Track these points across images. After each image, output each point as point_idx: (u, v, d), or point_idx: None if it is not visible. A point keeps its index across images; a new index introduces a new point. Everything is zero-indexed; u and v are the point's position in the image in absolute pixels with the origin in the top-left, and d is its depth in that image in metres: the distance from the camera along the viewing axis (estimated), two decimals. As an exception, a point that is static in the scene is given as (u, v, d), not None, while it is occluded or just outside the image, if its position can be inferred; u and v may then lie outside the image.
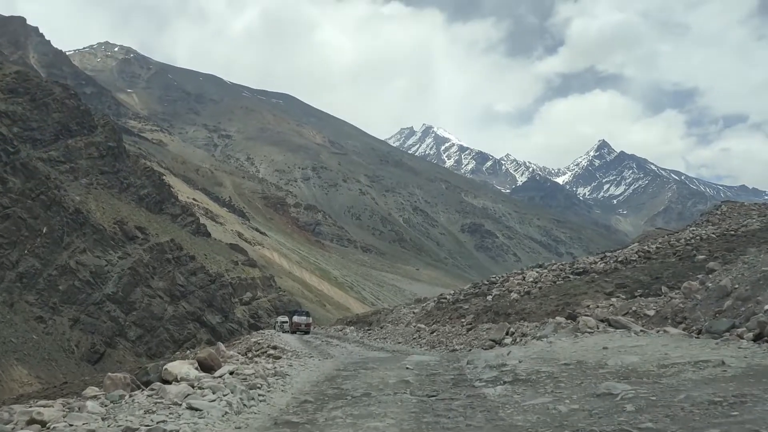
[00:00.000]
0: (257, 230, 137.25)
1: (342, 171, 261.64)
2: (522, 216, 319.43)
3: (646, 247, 26.97)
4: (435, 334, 22.06)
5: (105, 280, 60.67)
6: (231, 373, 9.93)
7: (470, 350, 16.16)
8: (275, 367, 11.88)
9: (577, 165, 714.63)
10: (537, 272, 28.49)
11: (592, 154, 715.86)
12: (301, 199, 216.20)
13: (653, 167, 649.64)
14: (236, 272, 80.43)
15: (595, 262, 26.55)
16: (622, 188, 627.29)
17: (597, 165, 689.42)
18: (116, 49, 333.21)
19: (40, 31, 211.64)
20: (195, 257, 72.41)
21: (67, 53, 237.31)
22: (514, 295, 24.53)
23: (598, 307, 18.47)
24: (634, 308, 16.95)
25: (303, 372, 11.79)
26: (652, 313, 15.53)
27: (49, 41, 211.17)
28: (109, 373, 9.07)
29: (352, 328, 36.51)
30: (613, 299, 19.03)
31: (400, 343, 23.08)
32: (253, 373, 10.26)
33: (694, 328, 11.66)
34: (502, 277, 30.89)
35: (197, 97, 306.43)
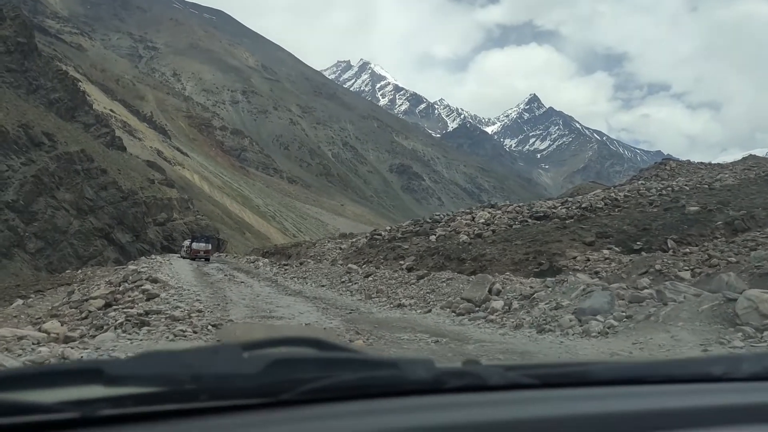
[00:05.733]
0: (178, 150, 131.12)
1: (273, 98, 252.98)
2: (450, 161, 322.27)
3: (612, 195, 25.27)
4: (371, 278, 17.43)
5: (5, 186, 55.78)
6: None
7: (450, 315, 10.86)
8: None
9: (507, 116, 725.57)
10: (489, 213, 25.74)
11: (522, 107, 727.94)
12: (228, 122, 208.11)
13: (578, 125, 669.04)
14: (152, 191, 76.29)
15: (555, 207, 24.67)
16: (547, 143, 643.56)
17: (526, 118, 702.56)
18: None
19: None
20: (107, 171, 67.79)
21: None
22: (463, 237, 21.93)
23: (588, 259, 15.51)
24: (657, 267, 13.09)
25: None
26: (687, 275, 12.35)
27: None
28: None
29: (266, 260, 32.47)
30: (605, 251, 16.38)
31: (323, 286, 18.51)
32: None
33: None
34: (447, 215, 28.02)
35: (123, 3, 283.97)
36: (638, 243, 16.95)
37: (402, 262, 20.67)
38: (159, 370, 1.09)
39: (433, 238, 23.72)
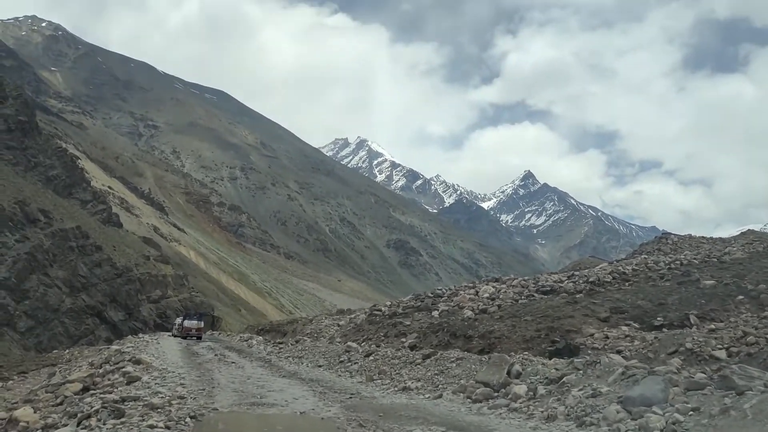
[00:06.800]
0: (175, 226, 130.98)
1: (271, 174, 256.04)
2: (447, 236, 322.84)
3: (621, 269, 24.71)
4: (372, 357, 16.36)
5: (-3, 264, 54.91)
6: None
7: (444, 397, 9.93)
8: None
9: (503, 192, 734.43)
10: (493, 287, 24.99)
11: (517, 183, 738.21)
12: (226, 198, 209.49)
13: (573, 201, 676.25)
14: (146, 267, 75.40)
15: (562, 281, 24.04)
16: (542, 218, 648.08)
17: (521, 194, 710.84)
18: (44, 24, 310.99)
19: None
20: (102, 248, 67.15)
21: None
22: (468, 313, 21.10)
23: (607, 337, 14.30)
24: (688, 345, 11.93)
25: None
26: (723, 355, 11.30)
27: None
28: None
29: (260, 338, 31.23)
30: (624, 327, 15.33)
31: (321, 366, 17.41)
32: None
33: None
34: (450, 289, 27.10)
35: (126, 84, 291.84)
36: (658, 318, 16.02)
37: (404, 340, 19.74)
38: None
39: (435, 313, 22.75)
